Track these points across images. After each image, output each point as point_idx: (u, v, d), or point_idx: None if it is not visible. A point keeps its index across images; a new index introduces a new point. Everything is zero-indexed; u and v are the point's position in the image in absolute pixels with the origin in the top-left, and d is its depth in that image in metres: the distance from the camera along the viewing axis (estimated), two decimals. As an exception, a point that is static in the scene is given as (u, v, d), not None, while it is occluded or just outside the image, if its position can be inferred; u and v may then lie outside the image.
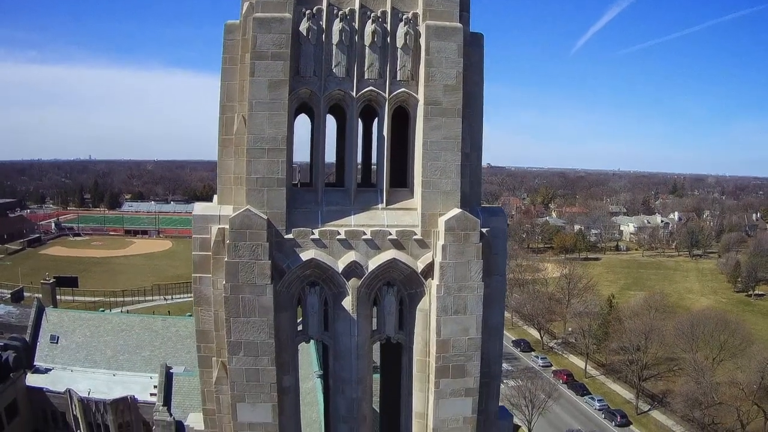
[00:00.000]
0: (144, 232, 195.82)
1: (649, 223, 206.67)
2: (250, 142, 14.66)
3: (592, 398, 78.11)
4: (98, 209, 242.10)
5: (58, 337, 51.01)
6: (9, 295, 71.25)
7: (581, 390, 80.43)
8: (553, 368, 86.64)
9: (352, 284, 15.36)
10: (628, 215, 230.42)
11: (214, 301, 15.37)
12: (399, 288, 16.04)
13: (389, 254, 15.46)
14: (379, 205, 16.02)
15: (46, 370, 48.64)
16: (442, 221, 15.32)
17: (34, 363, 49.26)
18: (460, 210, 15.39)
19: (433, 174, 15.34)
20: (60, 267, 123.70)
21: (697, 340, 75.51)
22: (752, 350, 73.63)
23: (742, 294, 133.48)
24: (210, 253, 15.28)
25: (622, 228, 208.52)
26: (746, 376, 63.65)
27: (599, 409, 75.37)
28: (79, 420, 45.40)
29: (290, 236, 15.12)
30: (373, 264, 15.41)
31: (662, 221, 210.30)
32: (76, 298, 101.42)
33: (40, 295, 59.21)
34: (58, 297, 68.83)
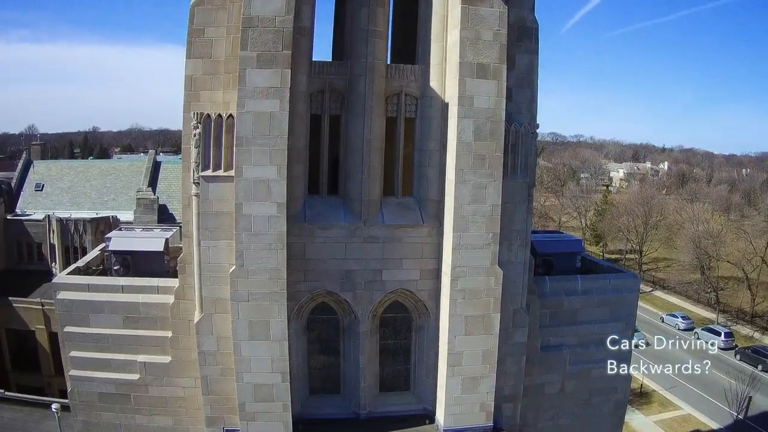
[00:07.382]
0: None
1: (639, 169, 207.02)
2: None
3: (589, 279, 77.99)
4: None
5: (43, 185, 48.80)
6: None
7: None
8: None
9: None
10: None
11: None
12: None
13: None
14: None
15: (27, 215, 46.01)
16: None
17: (16, 209, 46.79)
18: None
19: None
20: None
21: (699, 214, 75.48)
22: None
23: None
24: None
25: (611, 174, 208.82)
26: (753, 225, 63.72)
27: (597, 288, 75.10)
28: (56, 247, 42.43)
29: None
30: None
31: (652, 168, 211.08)
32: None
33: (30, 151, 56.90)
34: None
